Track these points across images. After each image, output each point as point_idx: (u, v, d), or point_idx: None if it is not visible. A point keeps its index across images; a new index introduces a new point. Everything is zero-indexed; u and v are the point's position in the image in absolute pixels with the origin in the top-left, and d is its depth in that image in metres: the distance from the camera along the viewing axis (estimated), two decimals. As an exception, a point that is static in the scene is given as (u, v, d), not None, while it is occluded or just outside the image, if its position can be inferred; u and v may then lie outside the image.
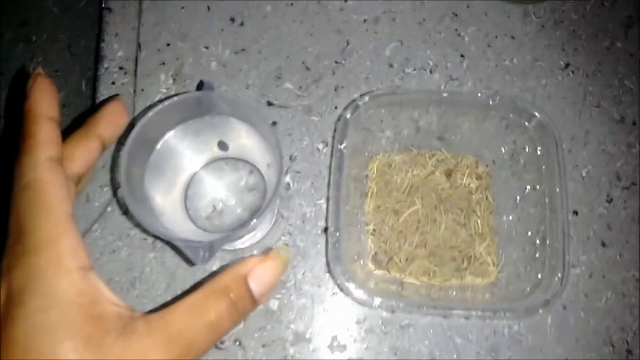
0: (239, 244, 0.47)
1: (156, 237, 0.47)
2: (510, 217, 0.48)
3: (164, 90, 0.52)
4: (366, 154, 0.50)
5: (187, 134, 0.41)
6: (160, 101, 0.37)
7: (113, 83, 0.52)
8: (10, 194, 0.28)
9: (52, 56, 0.73)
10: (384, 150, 0.50)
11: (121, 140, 0.36)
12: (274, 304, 0.46)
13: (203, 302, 0.28)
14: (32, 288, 0.24)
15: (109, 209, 0.48)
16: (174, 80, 0.52)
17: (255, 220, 0.34)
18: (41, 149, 0.28)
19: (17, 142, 0.29)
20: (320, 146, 0.50)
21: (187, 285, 0.46)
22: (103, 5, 0.55)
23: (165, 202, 0.42)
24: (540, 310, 0.40)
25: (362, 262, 0.47)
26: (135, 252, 0.47)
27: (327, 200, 0.47)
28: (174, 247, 0.46)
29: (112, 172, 0.49)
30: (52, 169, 0.28)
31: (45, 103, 0.30)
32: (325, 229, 0.47)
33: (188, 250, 0.33)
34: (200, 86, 0.39)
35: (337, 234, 0.41)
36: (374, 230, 0.48)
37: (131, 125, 0.36)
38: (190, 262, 0.45)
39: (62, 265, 0.25)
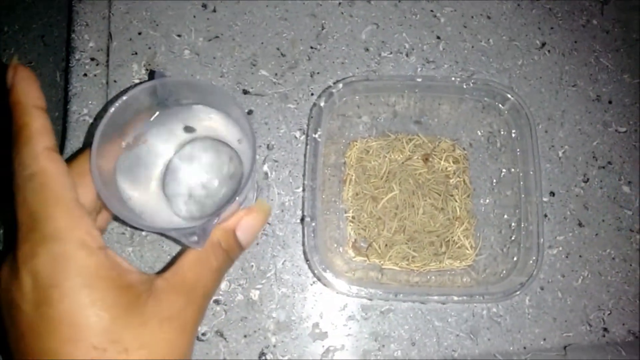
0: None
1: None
2: (487, 200, 0.48)
3: (137, 81, 0.51)
4: (343, 140, 0.50)
5: (152, 127, 0.40)
6: (115, 98, 0.36)
7: (85, 75, 0.51)
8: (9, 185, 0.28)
9: (26, 46, 0.71)
10: (361, 136, 0.50)
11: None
12: (254, 294, 0.46)
13: (205, 255, 0.32)
14: (64, 271, 0.26)
15: (85, 203, 0.48)
16: (147, 69, 0.51)
17: (238, 197, 0.34)
18: (38, 139, 0.29)
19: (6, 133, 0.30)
20: (298, 134, 0.50)
21: (167, 278, 0.46)
22: (72, -6, 0.54)
23: (144, 198, 0.41)
24: (517, 293, 0.40)
25: (341, 249, 0.47)
26: (113, 247, 0.47)
27: (304, 189, 0.47)
28: (170, 237, 0.46)
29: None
30: (53, 158, 0.29)
31: (32, 93, 0.31)
32: (302, 218, 0.47)
33: (184, 238, 0.33)
34: (151, 75, 0.38)
35: (314, 223, 0.41)
36: (353, 217, 0.48)
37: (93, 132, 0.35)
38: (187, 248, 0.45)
39: (87, 247, 0.27)
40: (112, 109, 0.34)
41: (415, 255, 0.47)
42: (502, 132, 0.47)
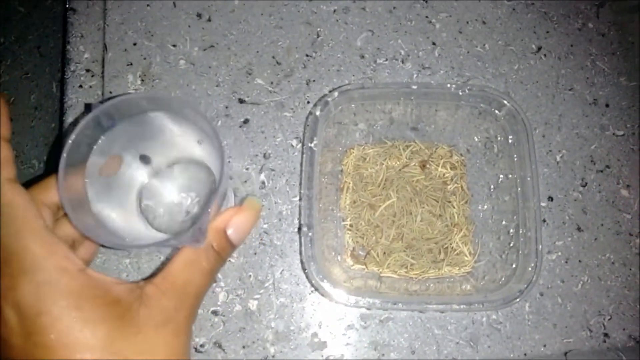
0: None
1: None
2: (485, 207, 0.48)
3: (133, 92, 0.51)
4: (340, 148, 0.50)
5: (111, 167, 0.39)
6: (65, 136, 0.35)
7: (81, 86, 0.51)
8: None
9: (22, 57, 0.71)
10: (357, 144, 0.50)
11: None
12: (252, 305, 0.46)
13: (195, 257, 0.31)
14: (49, 297, 0.26)
15: (82, 216, 0.48)
16: (142, 80, 0.51)
17: (219, 187, 0.34)
18: (3, 170, 0.29)
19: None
20: (294, 142, 0.50)
21: (165, 290, 0.46)
22: (67, 5, 0.54)
23: (125, 220, 0.41)
24: (517, 300, 0.40)
25: (339, 257, 0.47)
26: (110, 259, 0.47)
27: (300, 198, 0.46)
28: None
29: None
30: (16, 189, 0.29)
31: None
32: (300, 228, 0.47)
33: (183, 242, 0.33)
34: (88, 108, 0.38)
35: (311, 232, 0.41)
36: (351, 225, 0.48)
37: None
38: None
39: (67, 272, 0.27)
40: (64, 154, 0.33)
41: (414, 262, 0.46)
42: (499, 138, 0.47)
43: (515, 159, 0.45)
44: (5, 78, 0.72)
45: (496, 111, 0.45)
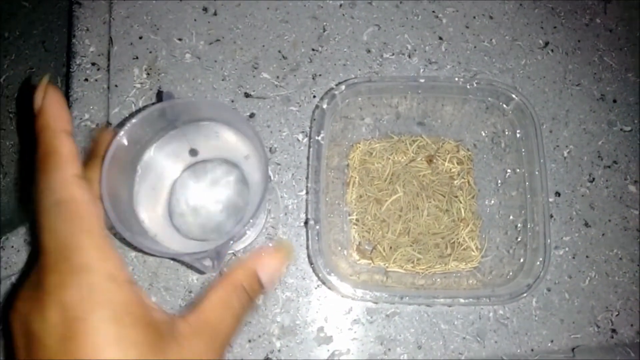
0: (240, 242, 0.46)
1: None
2: (492, 201, 0.48)
3: (138, 85, 0.51)
4: (346, 142, 0.49)
5: (160, 149, 0.40)
6: (127, 119, 0.36)
7: (86, 80, 0.51)
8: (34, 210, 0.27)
9: (26, 52, 0.71)
10: (364, 138, 0.50)
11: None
12: (258, 299, 0.46)
13: (227, 297, 0.31)
14: (91, 303, 0.25)
15: (87, 209, 0.48)
16: (148, 74, 0.51)
17: (252, 220, 0.34)
18: (67, 166, 0.28)
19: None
20: (300, 137, 0.50)
21: (170, 284, 0.46)
22: (72, -1, 0.54)
23: (152, 219, 0.41)
24: (524, 295, 0.40)
25: (346, 252, 0.47)
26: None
27: (307, 192, 0.46)
28: (182, 262, 0.46)
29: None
30: (81, 185, 0.28)
31: (62, 118, 0.30)
32: (306, 222, 0.47)
33: (197, 263, 0.33)
34: (159, 96, 0.38)
35: (318, 226, 0.41)
36: (357, 219, 0.48)
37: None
38: (201, 272, 0.45)
39: (115, 281, 0.26)
40: (121, 133, 0.34)
41: (420, 257, 0.46)
42: (506, 133, 0.46)
43: (524, 154, 0.44)
44: (10, 73, 0.72)
45: (504, 105, 0.45)
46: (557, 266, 0.47)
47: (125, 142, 0.34)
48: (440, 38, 0.53)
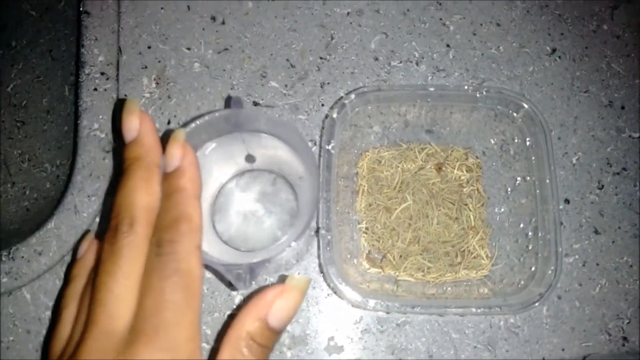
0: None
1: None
2: (502, 209, 0.48)
3: (148, 95, 0.51)
4: (355, 151, 0.49)
5: (215, 149, 0.40)
6: (192, 120, 0.36)
7: (95, 89, 0.51)
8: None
9: (34, 61, 0.72)
10: (373, 147, 0.50)
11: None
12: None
13: (240, 355, 0.28)
14: None
15: (97, 219, 0.48)
16: (157, 83, 0.51)
17: (297, 243, 0.34)
18: (196, 236, 0.28)
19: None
20: (308, 144, 0.50)
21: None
22: (81, 8, 0.54)
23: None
24: (536, 304, 0.40)
25: (355, 261, 0.47)
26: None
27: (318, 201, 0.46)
28: (213, 270, 0.46)
29: (100, 182, 0.49)
30: (199, 258, 0.28)
31: (197, 182, 0.30)
32: (317, 230, 0.47)
33: (229, 274, 0.33)
34: (228, 101, 0.38)
35: (329, 236, 0.41)
36: (367, 228, 0.48)
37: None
38: (231, 285, 0.45)
39: None
40: (189, 129, 0.34)
41: (431, 266, 0.46)
42: (515, 140, 0.46)
43: (533, 161, 0.44)
44: (17, 82, 0.72)
45: (513, 113, 0.45)
46: (568, 274, 0.47)
47: (189, 138, 0.35)
48: (448, 45, 0.53)
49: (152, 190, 0.29)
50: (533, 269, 0.42)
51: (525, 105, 0.44)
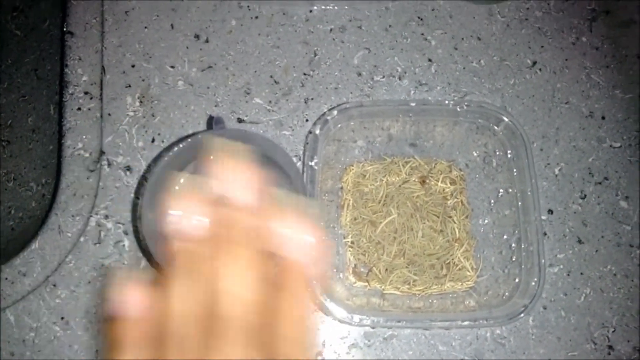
0: None
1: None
2: (486, 221, 0.48)
3: (131, 114, 0.51)
4: (339, 165, 0.50)
5: (199, 169, 0.40)
6: (174, 144, 0.36)
7: (79, 109, 0.51)
8: None
9: (19, 80, 0.72)
10: (357, 161, 0.50)
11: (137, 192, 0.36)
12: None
13: None
14: None
15: (82, 239, 0.48)
16: (141, 102, 0.51)
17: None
18: None
19: None
20: (294, 160, 0.50)
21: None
22: (65, 29, 0.54)
23: None
24: (521, 316, 0.40)
25: (342, 275, 0.47)
26: (110, 282, 0.47)
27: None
28: None
29: (85, 201, 0.48)
30: None
31: None
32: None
33: None
34: (210, 121, 0.38)
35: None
36: (352, 242, 0.48)
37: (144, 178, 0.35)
38: None
39: None
40: (170, 153, 0.34)
41: (417, 278, 0.46)
42: (497, 153, 0.47)
43: (515, 173, 0.45)
44: (3, 101, 0.72)
45: (494, 126, 0.46)
46: (552, 284, 0.47)
47: (166, 170, 0.35)
48: (430, 60, 0.53)
49: None
50: (517, 280, 0.43)
51: (506, 119, 0.44)
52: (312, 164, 0.43)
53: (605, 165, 0.51)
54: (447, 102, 0.45)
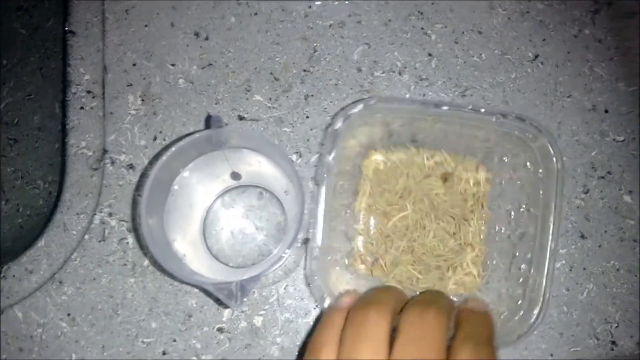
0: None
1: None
2: (502, 231, 0.47)
3: (133, 112, 0.51)
4: (362, 150, 0.49)
5: (199, 169, 0.40)
6: (172, 144, 0.36)
7: (82, 108, 0.52)
8: None
9: (24, 79, 0.72)
10: (380, 148, 0.49)
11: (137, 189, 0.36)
12: (257, 321, 0.46)
13: None
14: None
15: (86, 237, 0.48)
16: (143, 100, 0.52)
17: (286, 254, 0.34)
18: None
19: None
20: (294, 157, 0.50)
21: (170, 308, 0.46)
22: (66, 28, 0.55)
23: (185, 241, 0.41)
24: (510, 345, 0.40)
25: (346, 261, 0.47)
26: (115, 279, 0.47)
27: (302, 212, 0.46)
28: (204, 290, 0.46)
29: (89, 199, 0.49)
30: None
31: None
32: (306, 241, 0.47)
33: (220, 293, 0.33)
34: (208, 120, 0.39)
35: (317, 248, 0.41)
36: (362, 230, 0.48)
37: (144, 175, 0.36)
38: (220, 302, 0.45)
39: None
40: (164, 157, 0.34)
41: (420, 277, 0.46)
42: (528, 166, 0.45)
43: (541, 196, 0.43)
44: (9, 100, 0.73)
45: (530, 143, 0.44)
46: (555, 279, 0.47)
47: (166, 166, 0.35)
48: (430, 54, 0.53)
49: None
50: (519, 303, 0.42)
51: (543, 138, 0.42)
52: (331, 158, 0.42)
53: (609, 160, 0.51)
54: (482, 110, 0.42)
